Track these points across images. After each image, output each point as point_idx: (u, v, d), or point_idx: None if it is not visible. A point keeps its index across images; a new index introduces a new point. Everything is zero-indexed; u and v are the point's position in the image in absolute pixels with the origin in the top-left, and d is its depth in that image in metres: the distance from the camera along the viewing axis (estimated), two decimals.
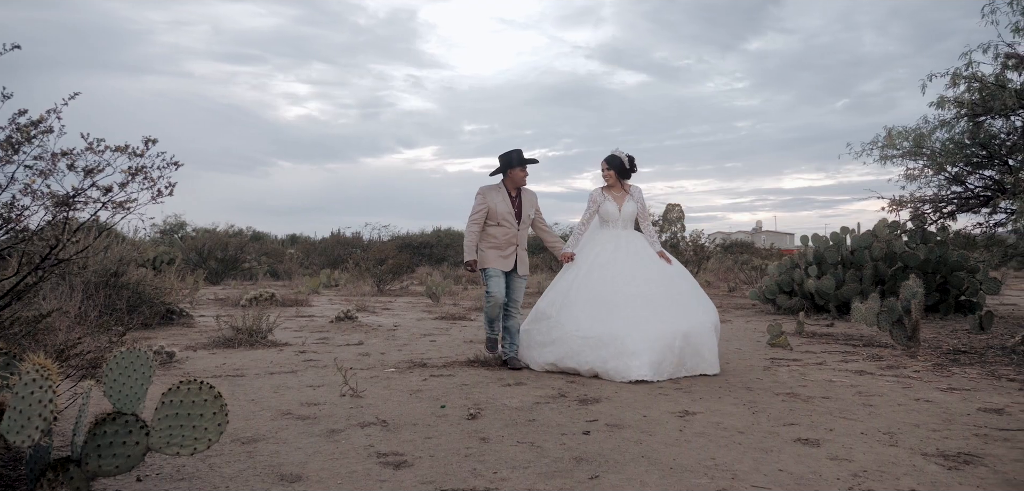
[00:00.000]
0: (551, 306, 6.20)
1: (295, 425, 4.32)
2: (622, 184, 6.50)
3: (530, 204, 6.50)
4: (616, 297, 5.90)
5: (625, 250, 6.26)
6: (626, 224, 6.46)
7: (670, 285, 6.09)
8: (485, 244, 6.33)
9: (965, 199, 7.27)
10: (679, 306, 5.94)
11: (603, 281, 6.05)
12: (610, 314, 5.83)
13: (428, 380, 5.81)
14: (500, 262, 6.29)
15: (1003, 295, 14.93)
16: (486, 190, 6.40)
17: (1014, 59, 6.33)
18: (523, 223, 6.43)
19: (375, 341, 8.29)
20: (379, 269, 17.94)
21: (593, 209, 6.53)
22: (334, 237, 30.92)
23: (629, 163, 6.49)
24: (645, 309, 5.83)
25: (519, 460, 3.61)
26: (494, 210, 6.30)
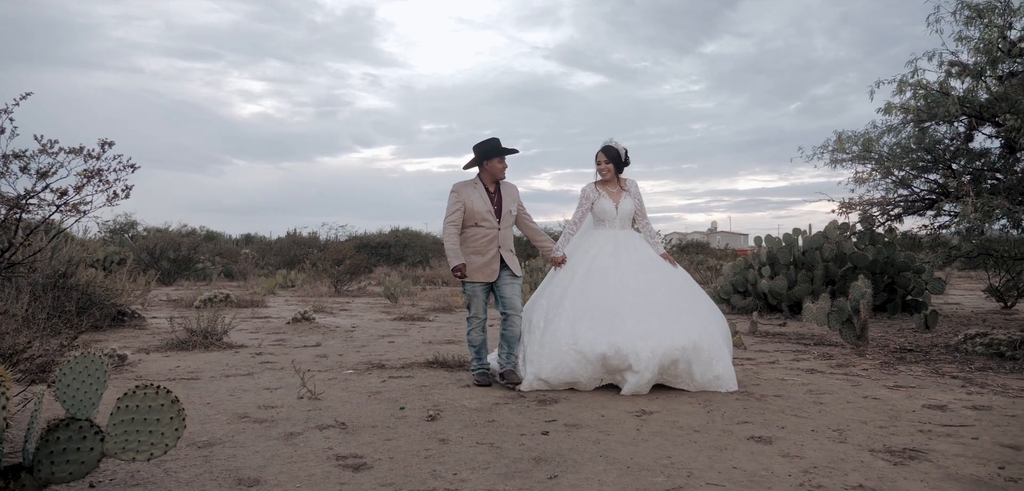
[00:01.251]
0: (540, 314, 5.56)
1: (252, 428, 4.27)
2: (618, 179, 5.90)
3: (511, 198, 5.82)
4: (621, 307, 5.31)
5: (627, 253, 5.67)
6: (623, 223, 5.86)
7: (676, 292, 5.52)
8: (464, 249, 5.65)
9: (911, 202, 7.52)
10: (686, 315, 5.37)
11: (605, 288, 5.45)
12: (613, 327, 5.23)
13: (387, 382, 5.79)
14: (480, 272, 5.62)
15: (947, 294, 15.46)
16: (460, 187, 5.71)
17: (957, 67, 6.58)
18: (504, 221, 5.72)
19: (333, 342, 8.23)
20: (336, 270, 17.78)
21: (586, 206, 5.90)
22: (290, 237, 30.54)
23: (625, 156, 5.91)
24: (652, 319, 5.26)
25: (479, 461, 3.63)
26: (471, 209, 5.62)
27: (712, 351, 5.27)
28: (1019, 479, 3.34)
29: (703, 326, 5.33)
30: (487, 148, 5.67)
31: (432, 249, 29.50)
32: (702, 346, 5.23)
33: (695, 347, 5.21)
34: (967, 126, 6.61)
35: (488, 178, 5.74)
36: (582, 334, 5.25)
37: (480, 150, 5.69)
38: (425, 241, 30.80)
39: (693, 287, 5.74)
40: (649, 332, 5.18)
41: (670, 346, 5.16)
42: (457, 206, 5.64)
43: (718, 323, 5.55)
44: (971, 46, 6.33)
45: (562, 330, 5.32)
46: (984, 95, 6.32)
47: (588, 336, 5.24)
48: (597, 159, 5.87)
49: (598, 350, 5.17)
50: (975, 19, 6.32)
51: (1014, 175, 6.56)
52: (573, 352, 5.23)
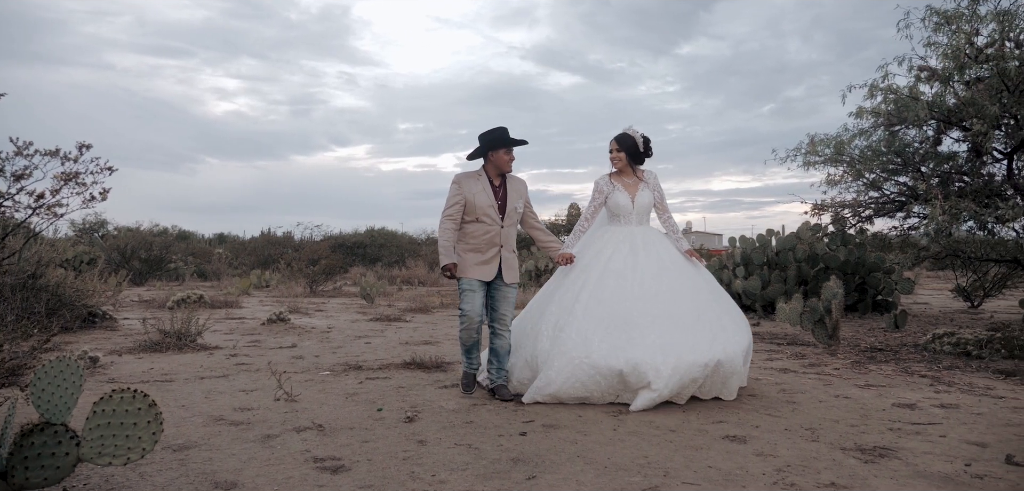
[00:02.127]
0: (549, 322, 5.09)
1: (228, 431, 4.24)
2: (635, 170, 5.40)
3: (517, 195, 5.30)
4: (640, 318, 4.84)
5: (645, 254, 5.18)
6: (641, 218, 5.39)
7: (701, 300, 5.05)
8: (462, 245, 5.19)
9: (882, 204, 7.67)
10: (711, 327, 4.89)
11: (622, 295, 4.96)
12: (631, 340, 4.76)
13: (364, 383, 5.77)
14: (478, 269, 5.14)
15: (916, 294, 15.74)
16: (462, 178, 5.23)
17: (926, 72, 6.71)
18: (508, 218, 5.23)
19: (309, 343, 8.18)
20: (312, 270, 17.66)
21: (599, 201, 5.43)
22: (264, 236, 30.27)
23: (643, 145, 5.37)
24: (675, 332, 4.80)
25: (457, 462, 3.64)
26: (472, 202, 5.13)
27: (730, 368, 4.83)
28: (985, 476, 3.43)
29: (727, 341, 4.86)
30: (493, 138, 5.18)
31: (408, 249, 29.41)
32: (724, 363, 4.78)
33: (718, 365, 4.77)
34: (936, 130, 6.76)
35: (493, 170, 5.25)
36: (596, 347, 4.78)
37: (485, 140, 5.22)
38: (401, 241, 30.69)
39: (719, 293, 5.28)
40: (671, 347, 4.72)
41: (693, 363, 4.71)
42: (457, 198, 5.15)
43: (742, 336, 5.06)
44: (939, 52, 6.48)
45: (573, 340, 4.86)
46: (952, 100, 6.47)
47: (602, 349, 4.77)
48: (609, 148, 5.41)
49: (614, 366, 4.72)
50: (943, 26, 6.46)
51: (980, 178, 6.71)
52: (586, 366, 4.77)
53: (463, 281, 5.15)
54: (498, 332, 5.21)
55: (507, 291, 5.21)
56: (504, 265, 5.19)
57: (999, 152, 6.71)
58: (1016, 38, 6.26)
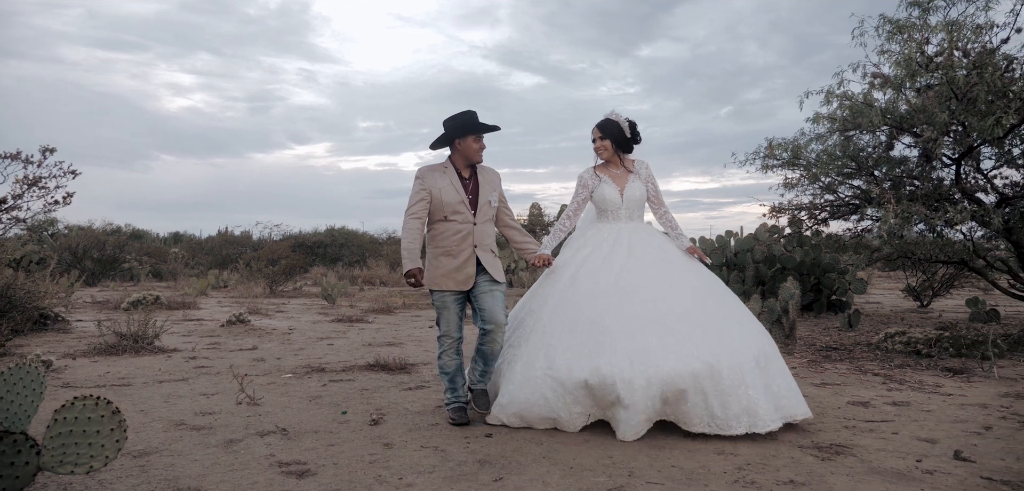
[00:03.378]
0: (521, 333, 4.55)
1: (190, 436, 4.18)
2: (622, 159, 4.76)
3: (490, 186, 4.67)
4: (611, 318, 4.17)
5: (627, 248, 4.55)
6: (632, 213, 4.76)
7: (693, 299, 4.32)
8: (432, 250, 4.58)
9: (837, 207, 7.87)
10: (703, 329, 4.13)
11: (592, 295, 4.32)
12: (598, 345, 4.09)
13: (327, 385, 5.74)
14: (452, 278, 4.49)
15: (869, 294, 16.17)
16: (426, 171, 4.59)
17: (879, 79, 6.92)
18: (482, 214, 4.59)
19: (270, 345, 8.09)
20: (272, 270, 17.43)
21: (583, 196, 4.78)
22: (222, 236, 29.75)
23: (630, 130, 4.73)
24: (650, 335, 4.07)
25: (424, 465, 3.65)
26: (439, 198, 4.50)
27: (737, 377, 4.00)
28: (935, 471, 3.55)
29: (727, 344, 4.07)
30: (460, 123, 4.55)
31: (369, 249, 29.18)
32: (722, 370, 3.97)
33: (712, 373, 3.97)
34: (888, 135, 6.97)
35: (461, 161, 4.62)
36: (558, 355, 4.17)
37: (451, 125, 4.58)
38: (362, 240, 30.41)
39: (724, 294, 4.53)
40: (645, 352, 4.00)
41: (673, 372, 3.94)
42: (421, 195, 4.52)
43: (752, 338, 4.24)
44: (892, 60, 6.68)
45: (535, 351, 4.30)
46: (904, 107, 6.68)
47: (565, 358, 4.15)
48: (591, 137, 4.78)
49: (577, 376, 4.06)
50: (896, 34, 6.66)
51: (930, 183, 6.93)
52: (548, 379, 4.16)
53: (435, 295, 4.54)
54: (490, 333, 4.48)
55: (492, 287, 4.54)
56: (484, 263, 4.55)
57: (948, 158, 6.95)
58: (964, 48, 6.49)
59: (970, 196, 6.87)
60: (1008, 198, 6.99)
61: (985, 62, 6.28)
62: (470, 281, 4.52)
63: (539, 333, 4.37)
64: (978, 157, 7.03)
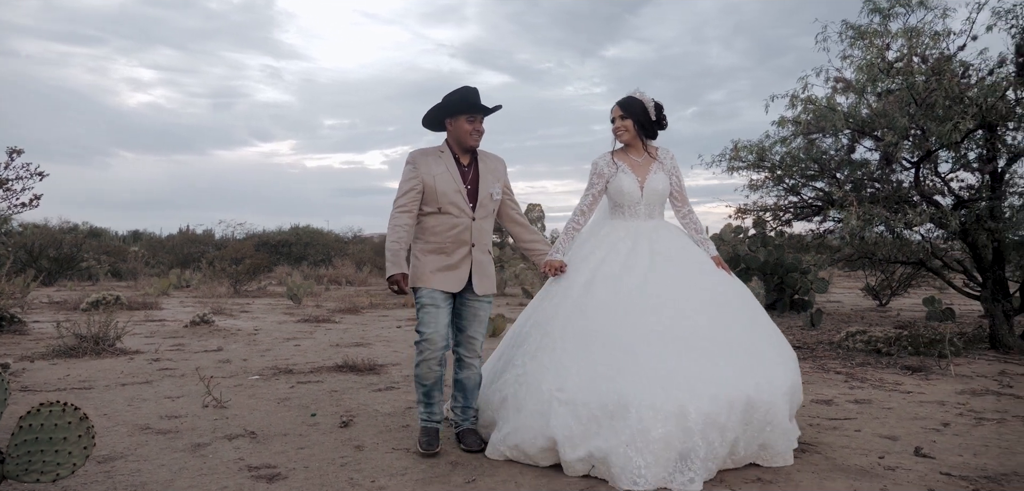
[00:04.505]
0: (524, 350, 3.84)
1: (156, 440, 4.11)
2: (645, 146, 4.10)
3: (493, 177, 4.03)
4: (635, 336, 3.52)
5: (649, 252, 3.89)
6: (652, 210, 4.08)
7: (726, 316, 3.71)
8: (420, 246, 3.94)
9: (800, 208, 8.01)
10: (741, 353, 3.56)
11: (613, 307, 3.66)
12: (620, 366, 3.43)
13: (295, 387, 5.68)
14: (442, 277, 3.86)
15: (830, 293, 16.50)
16: (420, 156, 3.95)
17: (842, 83, 7.07)
18: (481, 208, 3.95)
19: (235, 347, 7.98)
20: (235, 269, 17.19)
21: (599, 186, 4.10)
22: (183, 234, 29.30)
23: (656, 113, 4.08)
24: (684, 357, 3.45)
25: (396, 467, 3.64)
26: (433, 188, 3.87)
27: (769, 411, 3.47)
28: (896, 467, 3.65)
29: (765, 374, 3.53)
30: (452, 101, 3.90)
31: (334, 248, 28.93)
32: (757, 405, 3.43)
33: (747, 406, 3.41)
34: (850, 139, 7.12)
35: (457, 145, 3.98)
36: (572, 376, 3.50)
37: (445, 105, 3.94)
38: (327, 239, 30.15)
39: (756, 311, 3.94)
40: (677, 377, 3.37)
41: (711, 403, 3.33)
42: (411, 184, 3.88)
43: (786, 366, 3.73)
44: (854, 65, 6.83)
45: (545, 371, 3.61)
46: (865, 111, 6.83)
47: (581, 379, 3.48)
48: (611, 116, 4.10)
49: (594, 402, 3.40)
50: (858, 40, 6.81)
51: (890, 185, 7.09)
52: (556, 403, 3.48)
53: (422, 292, 3.86)
54: (465, 360, 3.99)
55: (478, 307, 3.97)
56: (476, 271, 3.91)
57: (907, 161, 7.12)
58: (922, 54, 6.66)
59: (928, 199, 7.05)
60: (964, 201, 7.18)
61: (943, 68, 6.45)
62: (462, 283, 3.90)
63: (548, 350, 3.66)
64: (936, 161, 7.22)
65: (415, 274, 3.89)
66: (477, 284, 3.93)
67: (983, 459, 3.80)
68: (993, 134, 6.90)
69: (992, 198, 6.92)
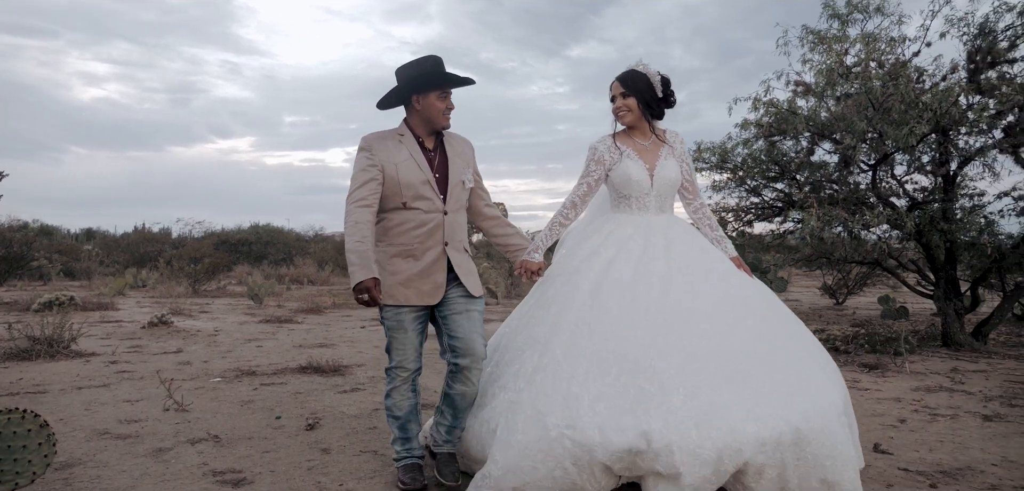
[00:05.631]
0: (513, 371, 3.19)
1: (115, 445, 4.02)
2: (652, 127, 3.51)
3: (463, 161, 3.42)
4: (661, 359, 2.88)
5: (664, 252, 3.28)
6: (663, 202, 3.49)
7: (760, 330, 3.10)
8: (380, 251, 3.30)
9: (761, 209, 8.15)
10: (785, 375, 2.94)
11: (629, 317, 3.04)
12: (644, 397, 2.80)
13: (259, 389, 5.60)
14: (413, 289, 3.26)
15: (789, 292, 16.81)
16: (375, 140, 3.31)
17: (802, 87, 7.22)
18: (453, 199, 3.35)
19: (196, 348, 7.83)
20: (194, 268, 16.86)
21: (597, 174, 3.48)
22: (139, 233, 28.66)
23: (663, 88, 3.47)
24: (721, 384, 2.84)
25: (364, 470, 3.61)
26: (395, 179, 3.25)
27: (825, 441, 2.84)
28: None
29: (813, 395, 2.92)
30: (420, 73, 3.27)
31: (295, 247, 28.55)
32: (809, 436, 2.80)
33: (798, 439, 2.79)
34: (810, 141, 7.28)
35: (422, 127, 3.35)
36: (585, 408, 2.83)
37: (408, 77, 3.30)
38: (288, 238, 29.73)
39: (787, 317, 3.38)
40: (715, 410, 2.76)
41: (755, 440, 2.74)
42: (369, 174, 3.24)
43: (834, 382, 3.16)
44: (814, 69, 6.99)
45: (548, 400, 2.91)
46: (825, 114, 6.99)
47: (596, 413, 2.81)
48: (611, 94, 3.49)
49: (617, 443, 2.74)
50: (818, 45, 6.97)
51: (847, 187, 7.26)
52: (567, 442, 2.79)
53: (387, 312, 3.27)
54: (464, 370, 3.26)
55: (471, 306, 3.34)
56: (458, 271, 3.33)
57: (865, 164, 7.30)
58: (879, 59, 6.83)
59: (885, 201, 7.23)
60: (918, 202, 7.39)
61: (899, 74, 6.63)
62: (439, 292, 3.27)
63: (549, 373, 2.99)
64: (892, 164, 7.41)
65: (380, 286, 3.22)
66: (467, 284, 3.33)
67: (938, 454, 3.92)
68: (946, 138, 7.11)
69: (945, 200, 7.13)
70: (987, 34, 6.78)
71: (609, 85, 3.50)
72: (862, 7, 6.97)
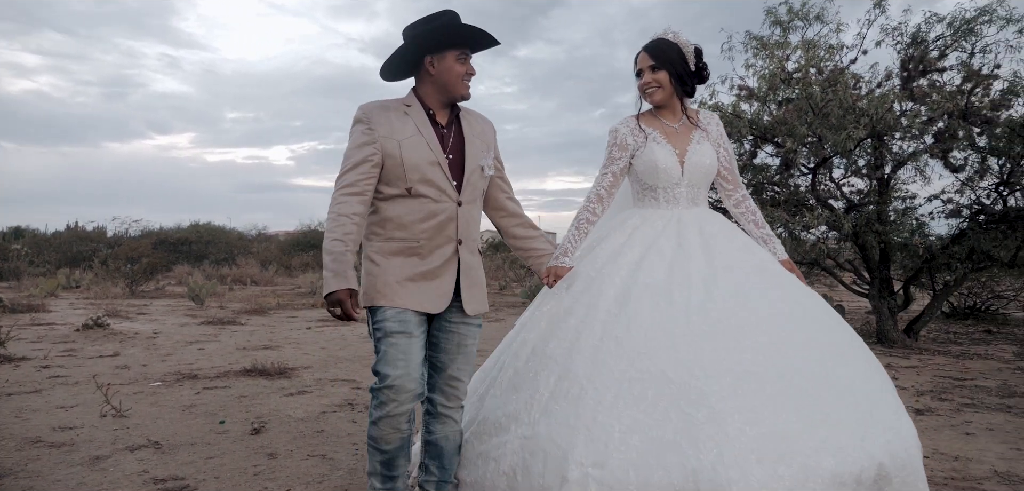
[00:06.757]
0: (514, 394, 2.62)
1: (49, 454, 3.86)
2: (684, 107, 2.96)
3: (483, 144, 2.79)
4: (703, 377, 2.33)
5: (702, 251, 2.72)
6: (696, 194, 2.94)
7: (821, 344, 2.54)
8: (378, 245, 2.65)
9: None
10: (856, 398, 2.40)
11: (665, 329, 2.47)
12: (691, 425, 2.24)
13: (201, 393, 5.46)
14: (417, 292, 2.61)
15: None
16: (375, 110, 2.66)
17: (745, 91, 7.41)
18: (469, 188, 2.71)
19: (134, 351, 7.58)
20: (131, 269, 16.34)
21: (622, 162, 2.93)
22: (72, 231, 27.60)
23: (696, 61, 2.93)
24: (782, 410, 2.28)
25: (312, 475, 3.56)
26: (398, 158, 2.60)
27: (909, 480, 2.35)
28: None
29: (895, 427, 2.41)
30: (435, 28, 2.62)
31: (237, 246, 27.93)
32: (892, 473, 2.29)
33: (880, 476, 2.27)
34: (752, 144, 7.47)
35: (436, 96, 2.71)
36: (615, 444, 2.28)
37: (419, 34, 2.65)
38: (230, 237, 29.05)
39: (846, 330, 2.76)
40: (779, 440, 2.21)
41: (832, 474, 2.19)
42: (365, 153, 2.59)
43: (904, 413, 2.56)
44: (757, 74, 7.18)
45: (571, 433, 2.36)
46: (767, 118, 7.17)
47: (629, 448, 2.27)
48: (636, 67, 2.94)
49: (659, 483, 2.20)
50: (761, 51, 7.16)
51: (788, 189, 7.47)
52: (597, 486, 2.25)
53: (385, 315, 2.56)
54: (442, 412, 2.72)
55: (465, 333, 2.74)
56: (464, 280, 2.70)
57: (805, 167, 7.53)
58: (819, 66, 7.06)
59: (823, 203, 7.47)
60: (855, 204, 7.65)
61: (837, 80, 6.85)
62: (446, 300, 2.66)
63: (571, 401, 2.43)
64: (831, 167, 7.67)
65: (372, 288, 2.60)
66: (467, 299, 2.70)
67: None
68: (881, 143, 7.37)
69: (879, 203, 7.39)
70: (919, 44, 7.07)
71: (634, 57, 2.95)
72: (802, 15, 7.18)
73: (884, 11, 7.08)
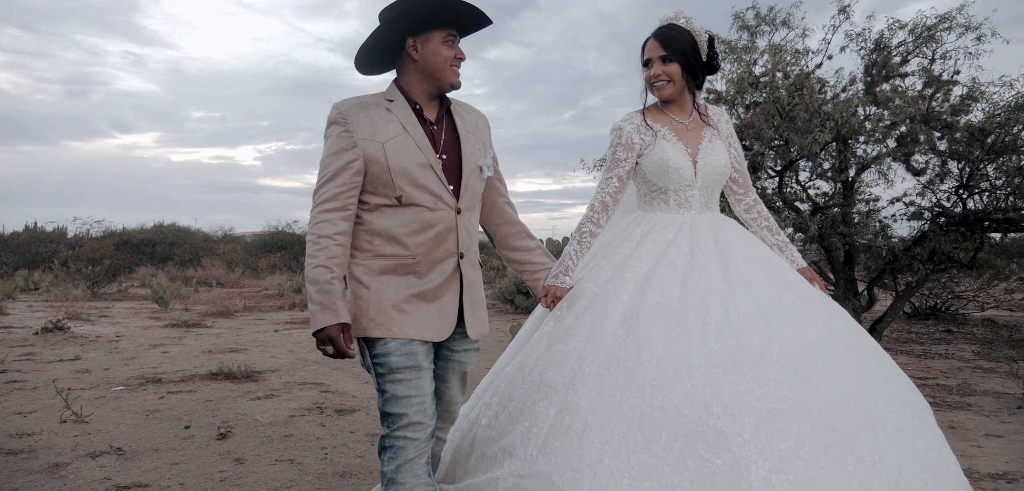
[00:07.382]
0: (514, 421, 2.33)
1: (6, 462, 3.76)
2: (695, 102, 2.69)
3: (478, 140, 2.47)
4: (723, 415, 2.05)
5: (720, 266, 2.43)
6: (709, 197, 2.66)
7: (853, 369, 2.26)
8: (364, 264, 2.30)
9: None
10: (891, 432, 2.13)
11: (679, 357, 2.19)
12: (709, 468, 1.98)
13: (165, 397, 5.35)
14: (418, 317, 2.28)
15: None
16: (354, 110, 2.30)
17: (714, 95, 7.47)
18: (467, 191, 2.39)
19: (95, 355, 7.42)
20: (93, 270, 16.00)
21: (628, 163, 2.64)
22: (30, 232, 26.91)
23: (709, 50, 2.64)
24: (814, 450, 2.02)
25: (280, 480, 3.51)
26: (382, 162, 2.26)
27: None
28: None
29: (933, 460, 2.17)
30: (419, 4, 2.26)
31: (203, 247, 27.50)
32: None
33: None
34: None
35: (421, 86, 2.38)
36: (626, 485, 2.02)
37: (400, 13, 2.29)
38: (195, 238, 28.58)
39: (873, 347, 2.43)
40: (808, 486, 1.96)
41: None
42: (343, 158, 2.26)
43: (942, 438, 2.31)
44: (725, 78, 7.25)
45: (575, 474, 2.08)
46: (735, 121, 7.25)
47: None
48: (644, 56, 2.64)
49: None
50: (729, 54, 7.23)
51: (756, 191, 7.57)
52: None
53: (389, 348, 2.24)
54: (437, 434, 2.51)
55: (463, 358, 2.51)
56: (467, 300, 2.40)
57: (772, 170, 7.62)
58: (785, 70, 7.15)
59: (790, 205, 7.57)
60: (820, 207, 7.76)
61: (803, 84, 6.95)
62: (450, 326, 2.36)
63: (573, 437, 2.15)
64: (797, 170, 7.77)
65: (364, 316, 2.25)
66: (471, 322, 2.41)
67: None
68: (846, 146, 7.49)
69: (844, 205, 7.52)
70: (882, 49, 7.19)
71: (641, 46, 2.65)
72: (769, 20, 7.27)
73: (848, 17, 7.20)
